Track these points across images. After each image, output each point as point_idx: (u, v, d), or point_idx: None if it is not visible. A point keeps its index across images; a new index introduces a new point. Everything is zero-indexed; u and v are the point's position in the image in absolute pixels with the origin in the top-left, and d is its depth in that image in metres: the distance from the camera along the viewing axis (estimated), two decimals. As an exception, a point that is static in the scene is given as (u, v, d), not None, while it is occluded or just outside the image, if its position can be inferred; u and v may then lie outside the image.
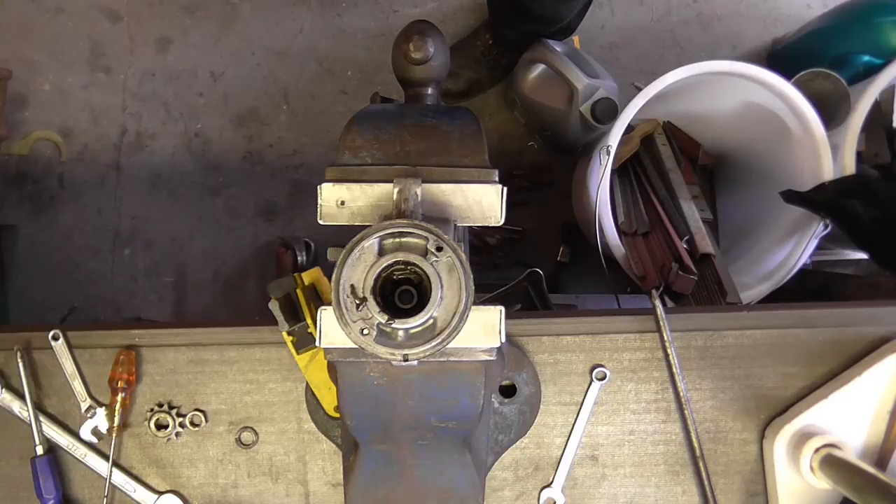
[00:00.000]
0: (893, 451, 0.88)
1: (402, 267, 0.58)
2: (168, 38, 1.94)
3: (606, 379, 0.93)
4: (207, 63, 1.93)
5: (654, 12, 1.96)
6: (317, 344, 0.63)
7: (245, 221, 1.93)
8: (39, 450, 0.90)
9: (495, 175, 0.67)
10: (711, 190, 1.74)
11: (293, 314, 0.85)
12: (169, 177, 1.92)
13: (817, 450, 0.86)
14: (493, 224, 0.66)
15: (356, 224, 0.65)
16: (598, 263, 1.36)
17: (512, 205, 0.67)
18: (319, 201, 0.65)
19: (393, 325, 0.56)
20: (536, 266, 1.38)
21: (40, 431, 0.91)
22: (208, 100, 1.93)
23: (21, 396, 0.92)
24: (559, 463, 0.93)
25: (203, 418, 0.93)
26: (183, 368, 0.93)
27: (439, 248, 0.57)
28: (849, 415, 0.88)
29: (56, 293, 1.89)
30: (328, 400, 0.89)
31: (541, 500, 0.93)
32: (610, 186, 1.49)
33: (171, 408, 0.93)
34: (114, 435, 0.90)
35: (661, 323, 0.91)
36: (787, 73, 1.39)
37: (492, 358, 0.64)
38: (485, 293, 1.35)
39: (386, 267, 0.57)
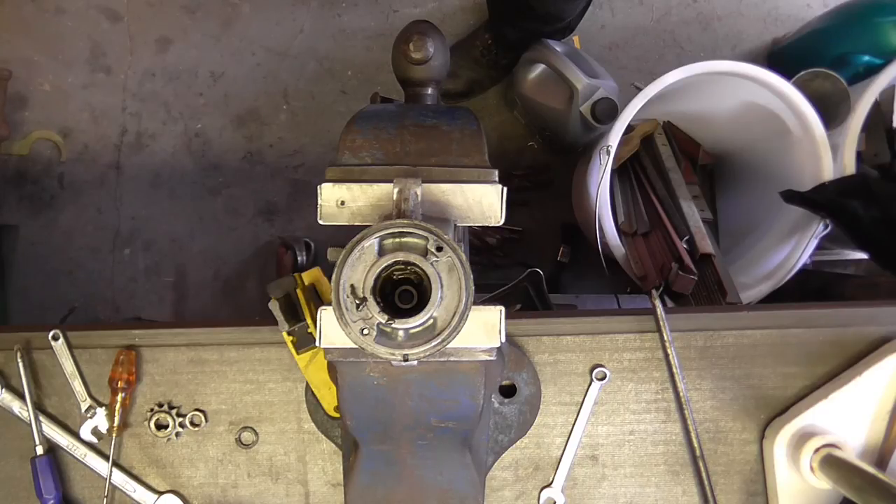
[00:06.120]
0: (893, 451, 0.88)
1: (402, 267, 0.58)
2: (168, 38, 1.94)
3: (606, 379, 0.93)
4: (207, 63, 1.93)
5: (654, 12, 1.96)
6: (317, 344, 0.63)
7: (245, 221, 1.93)
8: (39, 450, 0.90)
9: (495, 175, 0.67)
10: (711, 190, 1.74)
11: (293, 314, 0.85)
12: (169, 177, 1.92)
13: (817, 450, 0.86)
14: (493, 224, 0.66)
15: (356, 224, 0.65)
16: (598, 263, 1.36)
17: (512, 205, 0.67)
18: (319, 201, 0.65)
19: (393, 325, 0.56)
20: (536, 266, 1.38)
21: (40, 431, 0.91)
22: (208, 100, 1.93)
23: (21, 396, 0.92)
24: (559, 463, 0.93)
25: (203, 418, 0.93)
26: (183, 368, 0.93)
27: (439, 248, 0.57)
28: (849, 415, 0.88)
29: (56, 293, 1.89)
30: (328, 400, 0.89)
31: (541, 500, 0.93)
32: (610, 186, 1.48)
33: (171, 408, 0.93)
34: (114, 435, 0.90)
35: (661, 323, 0.91)
36: (787, 73, 1.39)
37: (492, 358, 0.64)
38: (485, 293, 1.35)
39: (386, 267, 0.57)
